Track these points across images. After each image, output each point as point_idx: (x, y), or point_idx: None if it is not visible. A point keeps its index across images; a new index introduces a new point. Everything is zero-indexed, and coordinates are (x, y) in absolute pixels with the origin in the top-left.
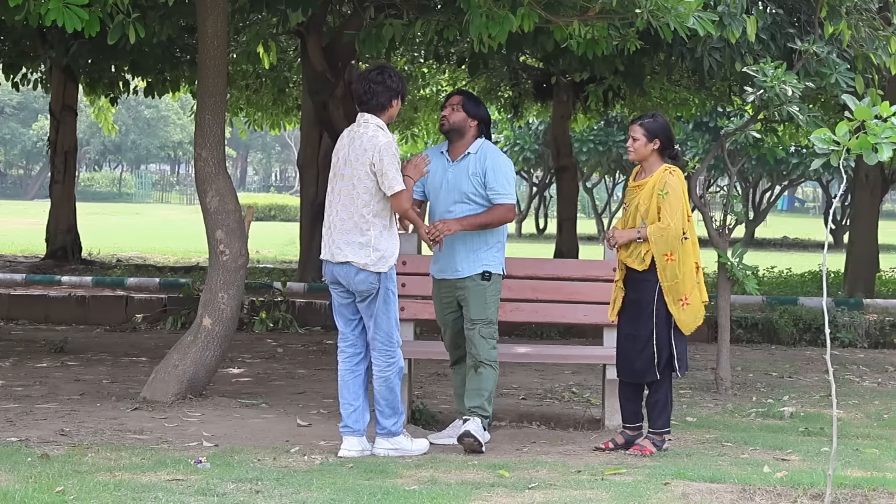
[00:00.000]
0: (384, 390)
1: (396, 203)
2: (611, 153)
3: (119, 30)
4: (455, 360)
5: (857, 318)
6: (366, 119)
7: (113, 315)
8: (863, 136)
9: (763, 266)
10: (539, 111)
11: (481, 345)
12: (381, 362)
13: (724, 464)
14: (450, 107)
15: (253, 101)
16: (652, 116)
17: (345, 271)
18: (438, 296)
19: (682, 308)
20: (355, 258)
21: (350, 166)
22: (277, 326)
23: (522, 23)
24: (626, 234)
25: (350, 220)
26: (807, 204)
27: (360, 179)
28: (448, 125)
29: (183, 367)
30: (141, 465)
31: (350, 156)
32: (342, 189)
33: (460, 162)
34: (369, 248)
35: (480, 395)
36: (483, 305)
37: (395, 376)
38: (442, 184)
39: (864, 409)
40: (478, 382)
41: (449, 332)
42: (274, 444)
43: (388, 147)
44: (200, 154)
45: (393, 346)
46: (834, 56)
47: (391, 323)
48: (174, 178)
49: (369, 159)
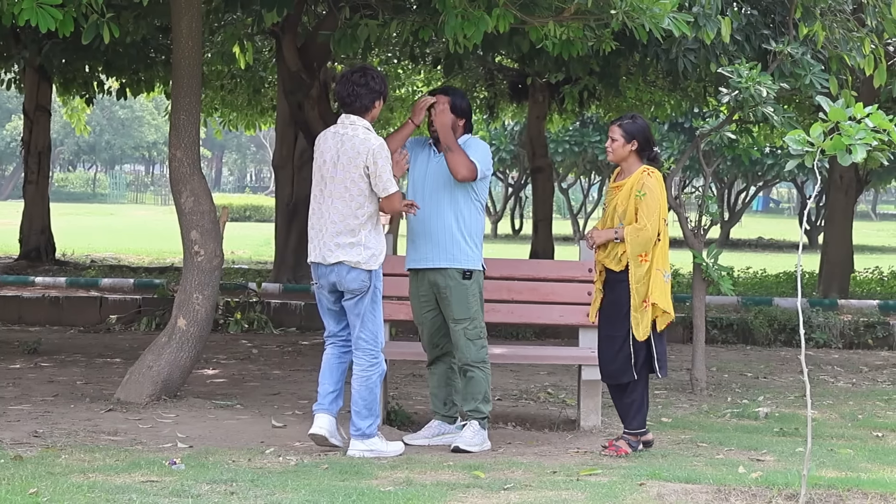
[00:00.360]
0: (364, 391)
1: (389, 204)
2: (586, 154)
3: (93, 30)
4: (432, 360)
5: (832, 319)
6: (352, 121)
7: (87, 316)
8: (837, 137)
9: (738, 267)
10: (514, 112)
11: (467, 347)
12: (364, 362)
13: (700, 464)
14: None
15: (228, 101)
16: (631, 118)
17: (337, 272)
18: (416, 293)
19: (643, 310)
20: (347, 257)
21: (343, 169)
22: (252, 327)
23: (498, 23)
24: (603, 234)
25: (342, 222)
26: (782, 205)
27: (353, 182)
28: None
29: (157, 368)
30: (115, 466)
31: (341, 158)
32: (333, 192)
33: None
34: (360, 246)
35: (474, 398)
36: (465, 304)
37: (376, 377)
38: (426, 173)
39: (838, 409)
40: (468, 387)
41: (427, 330)
42: (249, 445)
43: (381, 149)
44: (175, 154)
45: (377, 347)
46: (808, 57)
47: (377, 323)
48: (149, 179)
49: (363, 162)
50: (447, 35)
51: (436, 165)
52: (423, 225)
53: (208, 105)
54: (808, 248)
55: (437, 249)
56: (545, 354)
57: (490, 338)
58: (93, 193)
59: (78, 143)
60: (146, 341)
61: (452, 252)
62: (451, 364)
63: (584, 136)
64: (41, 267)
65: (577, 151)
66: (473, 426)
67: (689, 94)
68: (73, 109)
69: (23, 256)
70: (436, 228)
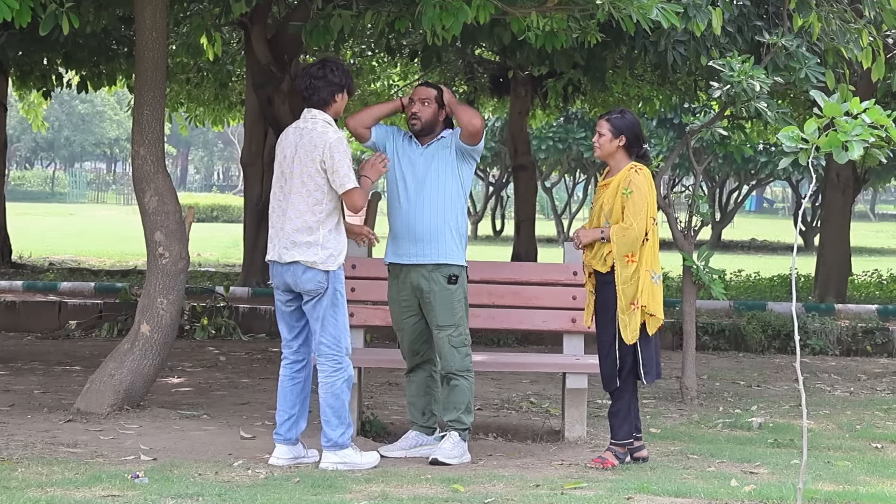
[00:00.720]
0: (330, 398)
1: (350, 201)
2: (571, 151)
3: (51, 20)
4: (412, 368)
5: (829, 325)
6: (312, 115)
7: (45, 322)
8: (832, 133)
9: (730, 269)
10: (496, 107)
11: (451, 355)
12: (327, 367)
13: (690, 477)
14: (419, 102)
15: (194, 95)
16: (620, 112)
17: (292, 271)
18: (396, 297)
19: (631, 312)
20: (303, 257)
21: (300, 164)
22: (220, 333)
23: (478, 14)
24: (589, 233)
25: (299, 219)
26: (776, 204)
27: (310, 177)
28: (421, 124)
29: (119, 376)
30: (74, 480)
31: (298, 153)
32: (292, 188)
33: (431, 145)
34: (318, 246)
35: (456, 408)
36: (450, 310)
37: (342, 383)
38: (412, 167)
39: (835, 419)
40: (451, 396)
41: (407, 336)
42: (216, 457)
43: (338, 143)
44: (138, 151)
45: (340, 352)
46: (803, 50)
47: (339, 327)
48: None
49: (319, 156)
50: (424, 26)
51: (420, 158)
52: (407, 220)
53: (173, 99)
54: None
55: (421, 245)
56: (528, 362)
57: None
58: (51, 192)
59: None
60: (108, 348)
61: (438, 248)
62: (431, 372)
63: (568, 133)
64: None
65: (561, 149)
66: (453, 437)
67: (679, 88)
68: (30, 104)
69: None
70: (421, 224)
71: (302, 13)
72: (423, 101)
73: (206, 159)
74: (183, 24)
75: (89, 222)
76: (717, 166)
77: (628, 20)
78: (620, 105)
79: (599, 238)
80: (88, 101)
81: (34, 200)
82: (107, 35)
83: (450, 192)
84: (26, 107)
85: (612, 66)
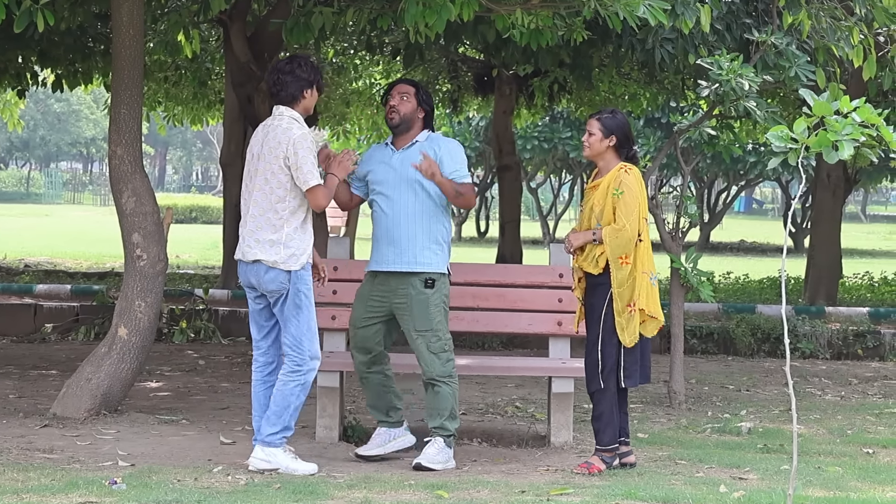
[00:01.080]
0: (279, 397)
1: (313, 199)
2: (556, 151)
3: (26, 17)
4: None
5: (819, 328)
6: (280, 112)
7: (20, 325)
8: (822, 133)
9: (719, 272)
10: (480, 106)
11: (431, 361)
12: (286, 367)
13: (678, 483)
14: (398, 96)
15: (172, 94)
16: (611, 112)
17: (255, 271)
18: (366, 294)
19: (629, 315)
20: (265, 256)
21: (264, 161)
22: (199, 336)
23: (461, 11)
24: (581, 236)
25: (263, 216)
26: (765, 205)
27: (273, 174)
28: (399, 118)
29: (97, 380)
30: (51, 486)
31: (263, 150)
32: (256, 185)
33: (407, 150)
34: (280, 245)
35: (440, 414)
36: (426, 315)
37: (294, 386)
38: (388, 173)
39: (826, 424)
40: (434, 402)
41: (361, 334)
42: (195, 463)
43: (302, 140)
44: (115, 151)
45: (302, 355)
46: (793, 48)
47: (303, 329)
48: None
49: (283, 153)
50: (407, 24)
51: (398, 164)
52: (386, 227)
53: (151, 98)
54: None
55: (399, 252)
56: (513, 365)
57: (454, 348)
58: (26, 193)
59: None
60: (84, 352)
61: (415, 255)
62: (385, 372)
63: (554, 132)
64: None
65: (546, 148)
66: (438, 443)
67: (666, 87)
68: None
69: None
70: (399, 231)
71: (282, 10)
72: (402, 95)
73: (184, 159)
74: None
75: (65, 223)
76: (705, 166)
77: (615, 17)
78: (607, 104)
79: (591, 240)
80: (64, 100)
81: (9, 201)
82: (83, 33)
83: (426, 200)
84: (1, 105)
85: (599, 64)
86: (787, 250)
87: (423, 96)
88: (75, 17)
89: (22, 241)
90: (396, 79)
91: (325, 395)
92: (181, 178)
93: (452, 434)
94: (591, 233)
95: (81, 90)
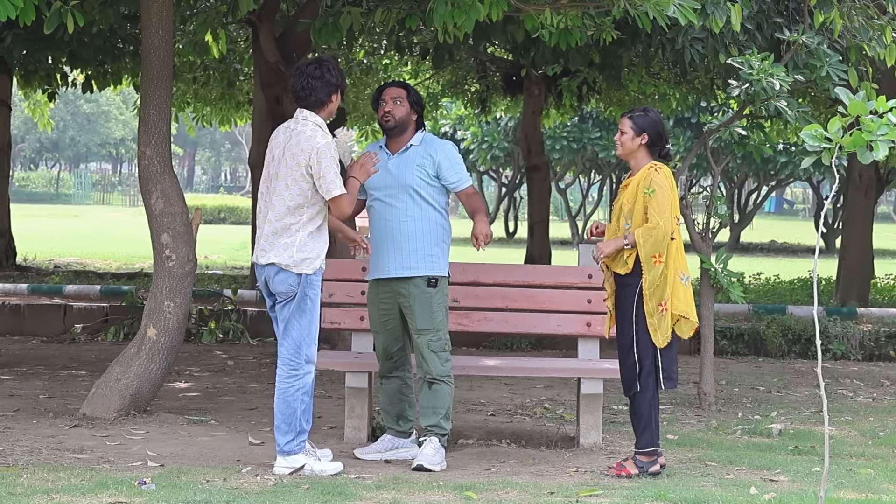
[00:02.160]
0: (281, 403)
1: (336, 208)
2: (585, 151)
3: (56, 18)
4: (385, 374)
5: (851, 329)
6: (304, 116)
7: (50, 325)
8: (857, 132)
9: (749, 272)
10: (508, 106)
11: (432, 360)
12: (283, 373)
13: (708, 485)
14: (391, 100)
15: (201, 94)
16: (644, 111)
17: (267, 272)
18: (375, 299)
19: (661, 315)
20: (278, 258)
21: (285, 166)
22: (227, 337)
23: (490, 11)
24: (611, 244)
25: (280, 221)
26: (796, 206)
27: (294, 181)
28: (394, 121)
29: (126, 381)
30: (80, 486)
31: (286, 155)
32: (276, 189)
33: (403, 154)
34: (293, 248)
35: (436, 412)
36: (430, 314)
37: (295, 391)
38: (385, 179)
39: (857, 426)
40: (432, 400)
41: (381, 339)
42: (224, 463)
43: (326, 149)
44: (144, 152)
45: (299, 359)
46: (825, 47)
47: (304, 333)
48: (116, 178)
49: (305, 160)
50: (436, 24)
51: (395, 169)
52: (386, 233)
53: (180, 99)
54: (825, 253)
55: (401, 258)
56: (542, 367)
57: (483, 349)
58: (56, 194)
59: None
60: (114, 352)
61: (417, 261)
62: (405, 379)
63: (582, 133)
64: (0, 273)
65: (575, 149)
66: (434, 443)
67: (696, 86)
68: (35, 104)
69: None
70: (401, 237)
71: (311, 11)
72: (394, 99)
73: (213, 160)
74: (189, 22)
75: (95, 224)
76: (735, 167)
77: (644, 17)
78: (636, 104)
79: (623, 246)
80: (94, 101)
81: (39, 202)
82: (112, 33)
83: (424, 203)
84: (31, 106)
85: (628, 64)
86: (819, 251)
87: (415, 98)
88: (105, 19)
89: (52, 241)
90: (385, 82)
91: (354, 395)
92: (210, 179)
93: (447, 433)
94: (622, 240)
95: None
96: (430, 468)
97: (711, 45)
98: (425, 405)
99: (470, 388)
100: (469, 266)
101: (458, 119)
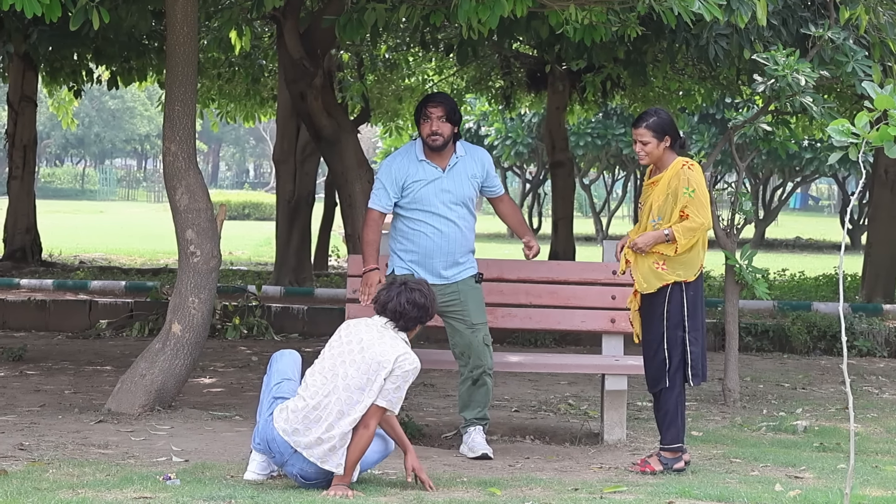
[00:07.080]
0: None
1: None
2: (610, 147)
3: (81, 15)
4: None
5: (876, 325)
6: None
7: (75, 321)
8: (884, 127)
9: (774, 269)
10: (532, 102)
11: (485, 353)
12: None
13: (733, 482)
14: (437, 120)
15: (225, 91)
16: (654, 113)
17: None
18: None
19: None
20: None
21: (354, 367)
22: (252, 333)
23: (515, 7)
24: (651, 236)
25: (325, 421)
26: (821, 202)
27: (359, 388)
28: (442, 140)
29: (151, 376)
30: (105, 481)
31: (357, 357)
32: (335, 387)
33: (454, 168)
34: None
35: (483, 405)
36: (481, 308)
37: None
38: (441, 196)
39: (883, 422)
40: (480, 394)
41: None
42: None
43: (412, 374)
44: (169, 148)
45: None
46: (851, 43)
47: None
48: (141, 174)
49: (384, 375)
50: (460, 20)
51: (449, 184)
52: (442, 245)
53: (204, 95)
54: (851, 249)
55: (456, 266)
56: (566, 363)
57: (507, 345)
58: (81, 190)
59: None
60: (139, 348)
61: (465, 265)
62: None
63: (607, 129)
64: (26, 268)
65: (599, 145)
66: (481, 432)
67: (721, 82)
68: (60, 100)
69: (7, 257)
70: (457, 247)
71: (335, 7)
72: (439, 118)
73: (237, 156)
74: (214, 19)
75: (120, 220)
76: (760, 163)
77: (669, 13)
78: (661, 100)
79: (664, 239)
80: (119, 97)
81: (64, 198)
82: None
83: (468, 213)
84: (56, 103)
85: (653, 60)
86: (845, 247)
87: (453, 113)
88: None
89: (77, 237)
90: (426, 96)
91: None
92: (234, 175)
93: (488, 421)
94: (661, 232)
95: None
96: (491, 455)
97: (736, 40)
98: (477, 399)
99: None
100: (493, 262)
101: (482, 115)
